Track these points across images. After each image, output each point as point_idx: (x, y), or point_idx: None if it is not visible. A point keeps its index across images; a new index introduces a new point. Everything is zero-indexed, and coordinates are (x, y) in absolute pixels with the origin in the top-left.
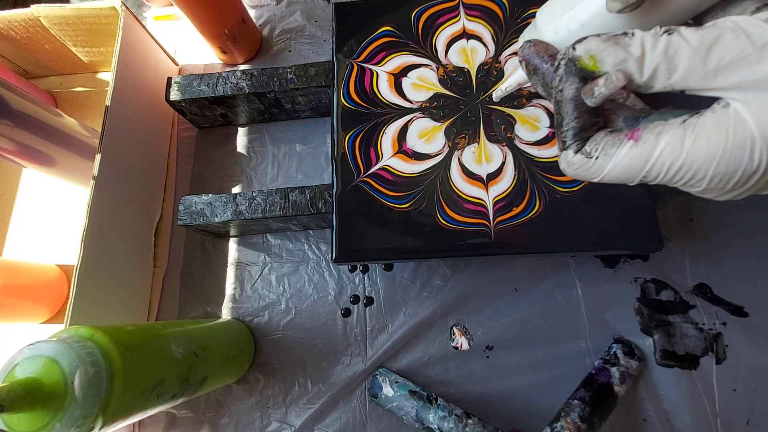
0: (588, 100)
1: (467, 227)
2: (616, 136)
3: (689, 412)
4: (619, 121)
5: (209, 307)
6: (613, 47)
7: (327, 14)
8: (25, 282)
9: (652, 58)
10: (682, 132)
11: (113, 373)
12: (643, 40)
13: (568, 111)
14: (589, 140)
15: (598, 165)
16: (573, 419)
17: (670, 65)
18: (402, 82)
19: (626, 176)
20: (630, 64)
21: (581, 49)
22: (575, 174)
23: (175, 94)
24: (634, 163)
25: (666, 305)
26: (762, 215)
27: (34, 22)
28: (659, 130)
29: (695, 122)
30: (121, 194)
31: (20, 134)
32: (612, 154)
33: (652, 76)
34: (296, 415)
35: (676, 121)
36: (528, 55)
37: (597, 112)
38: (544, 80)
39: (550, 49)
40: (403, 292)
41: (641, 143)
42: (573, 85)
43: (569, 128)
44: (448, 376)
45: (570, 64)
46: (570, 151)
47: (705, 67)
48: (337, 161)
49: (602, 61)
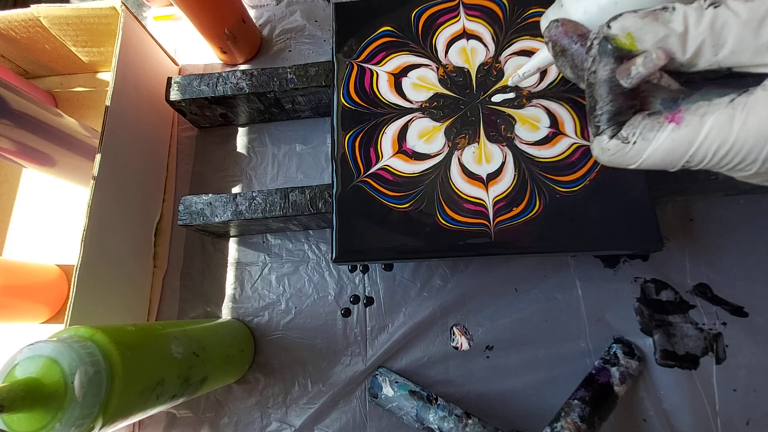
0: (624, 81)
1: (467, 227)
2: (656, 119)
3: (689, 412)
4: (656, 103)
5: (209, 307)
6: (653, 23)
7: (327, 14)
8: (25, 282)
9: (697, 33)
10: (731, 112)
11: (113, 373)
12: (686, 14)
13: (602, 93)
14: (625, 124)
15: (636, 150)
16: (573, 419)
17: (717, 40)
18: (402, 82)
19: (668, 161)
20: (672, 41)
21: (617, 27)
22: (609, 161)
23: (175, 94)
24: (677, 146)
25: (666, 305)
26: (762, 215)
27: (34, 22)
28: (704, 111)
29: (745, 101)
30: (121, 194)
31: (20, 134)
32: (651, 138)
33: (697, 53)
34: (296, 415)
35: (723, 101)
36: (556, 36)
37: (633, 95)
38: (574, 62)
39: (580, 29)
40: (403, 292)
41: (684, 125)
42: (608, 66)
43: (603, 112)
44: (448, 376)
45: (604, 43)
46: (604, 136)
47: (757, 41)
48: (337, 161)
49: (640, 39)
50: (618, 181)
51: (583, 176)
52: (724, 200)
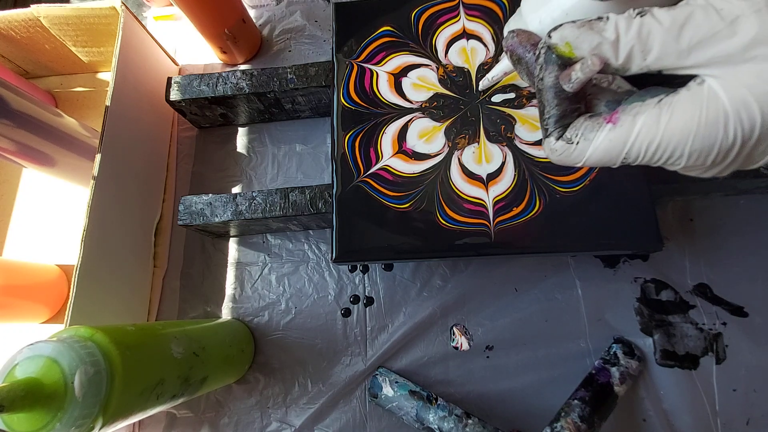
0: (566, 85)
1: (467, 227)
2: (596, 121)
3: (689, 412)
4: (601, 105)
5: (209, 307)
6: (588, 32)
7: (327, 14)
8: (25, 282)
9: (627, 40)
10: (658, 111)
11: (113, 373)
12: (617, 23)
13: (549, 98)
14: (569, 126)
15: (579, 150)
16: (573, 419)
17: (644, 46)
18: (402, 82)
19: (607, 159)
20: (605, 48)
21: (557, 37)
22: (558, 160)
23: (175, 94)
24: (613, 145)
25: (666, 305)
26: (762, 215)
27: (34, 22)
28: (636, 111)
29: (671, 101)
30: (121, 194)
31: (20, 134)
32: (592, 138)
33: (628, 59)
34: (296, 415)
35: (653, 101)
36: (512, 45)
37: (578, 99)
38: (528, 69)
39: (533, 38)
40: (403, 292)
41: (619, 126)
42: (552, 73)
43: (551, 115)
44: (448, 376)
45: (549, 52)
46: (552, 138)
47: (678, 46)
48: (337, 161)
49: (578, 47)
50: (618, 182)
51: (583, 176)
52: (724, 200)
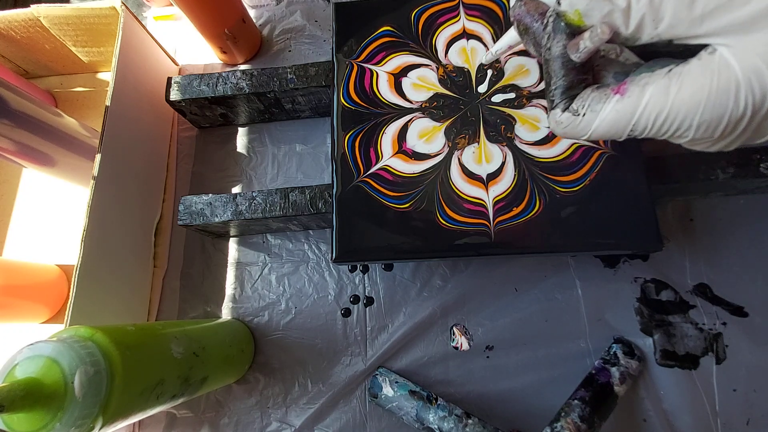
0: (574, 55)
1: (467, 227)
2: (603, 92)
3: (689, 412)
4: (609, 77)
5: (209, 307)
6: (599, 0)
7: (327, 14)
8: (25, 282)
9: (638, 8)
10: (667, 81)
11: (113, 373)
12: None
13: (556, 69)
14: (576, 98)
15: (586, 122)
16: (573, 419)
17: (656, 15)
18: (402, 82)
19: (614, 131)
20: (616, 16)
21: (566, 4)
22: (564, 132)
23: (175, 94)
24: (621, 117)
25: (666, 305)
26: (762, 215)
27: (34, 22)
28: (645, 81)
29: (680, 70)
30: (121, 194)
31: (20, 134)
32: (599, 110)
33: (639, 27)
34: (296, 415)
35: (662, 71)
36: (519, 14)
37: (585, 70)
38: (535, 39)
39: (541, 7)
40: (403, 292)
41: (627, 96)
42: (560, 42)
43: (557, 86)
44: (448, 376)
45: (557, 21)
46: (558, 109)
47: (691, 14)
48: (337, 161)
49: (587, 15)
50: (618, 182)
51: (583, 176)
52: (724, 200)
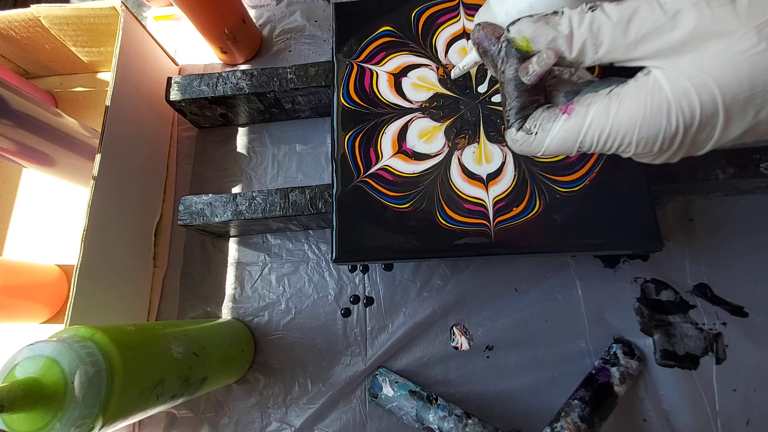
0: (524, 78)
1: (467, 227)
2: (552, 112)
3: (689, 412)
4: (560, 96)
5: (209, 307)
6: (543, 27)
7: (327, 14)
8: (25, 282)
9: (579, 34)
10: (608, 101)
11: (113, 373)
12: (571, 18)
13: (510, 90)
14: (529, 117)
15: (538, 140)
16: (573, 419)
17: (595, 40)
18: (402, 82)
19: (564, 148)
20: (560, 42)
21: (514, 31)
22: (520, 150)
23: (175, 94)
24: (568, 135)
25: (666, 305)
26: (762, 215)
27: (34, 22)
28: (589, 101)
29: (619, 91)
30: (121, 194)
31: (20, 134)
32: (549, 128)
33: (581, 52)
34: (296, 415)
35: (604, 92)
36: (478, 38)
37: (537, 91)
38: (493, 61)
39: (497, 31)
40: (403, 292)
41: (573, 116)
42: (512, 66)
43: (511, 107)
44: (448, 376)
45: (509, 46)
46: (513, 129)
47: (626, 40)
48: (337, 161)
49: (534, 41)
50: (618, 182)
51: (583, 176)
52: (724, 200)
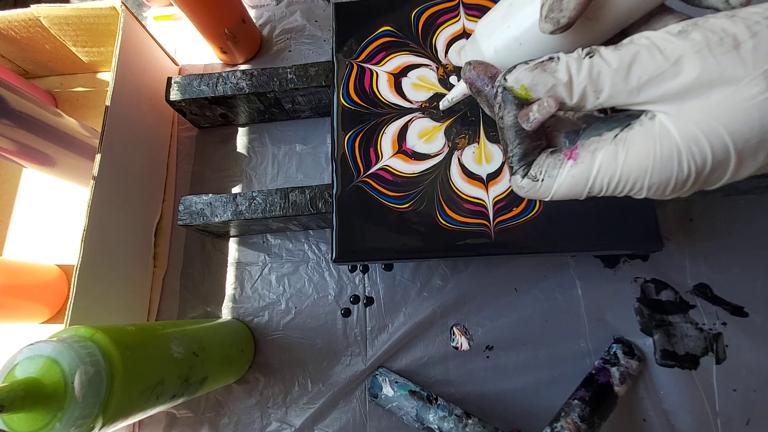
0: (525, 125)
1: (467, 227)
2: (557, 158)
3: (689, 412)
4: (561, 137)
5: (209, 307)
6: (541, 75)
7: (327, 14)
8: (25, 282)
9: (579, 81)
10: (614, 148)
11: (113, 373)
12: (569, 64)
13: (510, 137)
14: (533, 164)
15: (545, 187)
16: (573, 419)
17: (596, 87)
18: (402, 82)
19: (572, 194)
20: (560, 89)
21: (512, 80)
22: (527, 196)
23: (175, 94)
24: (576, 182)
25: (666, 305)
26: (762, 215)
27: (34, 22)
28: (594, 147)
29: (626, 137)
30: (121, 194)
31: (20, 134)
32: (555, 175)
33: (582, 98)
34: (296, 415)
35: (609, 136)
36: (470, 78)
37: (538, 135)
38: (488, 101)
39: (490, 70)
40: (403, 292)
41: (579, 162)
42: (511, 113)
43: (514, 154)
44: (448, 376)
45: (506, 93)
46: (518, 176)
47: (627, 86)
48: (337, 161)
49: (533, 89)
50: None
51: None
52: (724, 200)
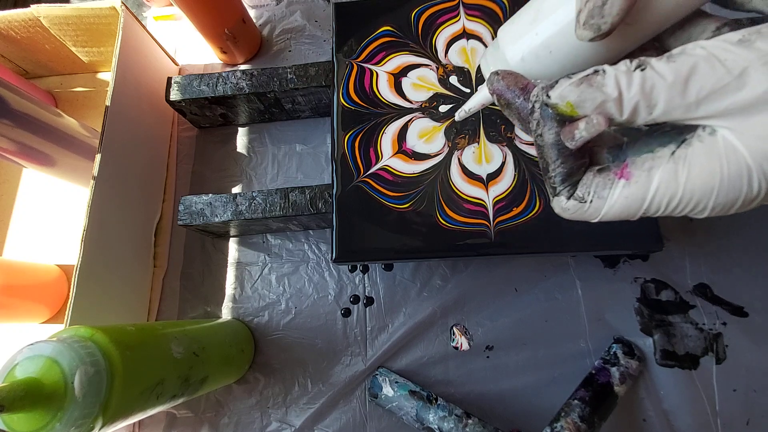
0: (569, 143)
1: (467, 227)
2: (606, 177)
3: (689, 412)
4: (604, 153)
5: (209, 307)
6: (589, 90)
7: (327, 14)
8: (25, 282)
9: (630, 96)
10: (674, 166)
11: (113, 373)
12: (618, 78)
13: (552, 156)
14: (578, 184)
15: (594, 208)
16: (573, 419)
17: (649, 101)
18: (402, 82)
19: (625, 214)
20: (609, 105)
21: (556, 96)
22: (572, 217)
23: (175, 94)
24: (631, 202)
25: (666, 305)
26: (762, 216)
27: (34, 22)
28: (649, 165)
29: (685, 154)
30: (121, 194)
31: (20, 134)
32: (605, 196)
33: (633, 114)
34: (296, 415)
35: (665, 154)
36: (499, 90)
37: (582, 153)
38: (520, 115)
39: (521, 81)
40: (403, 292)
41: (633, 182)
42: (552, 130)
43: (556, 174)
44: (448, 376)
45: (546, 109)
46: (562, 197)
47: (685, 100)
48: (337, 161)
49: (580, 107)
50: None
51: None
52: None
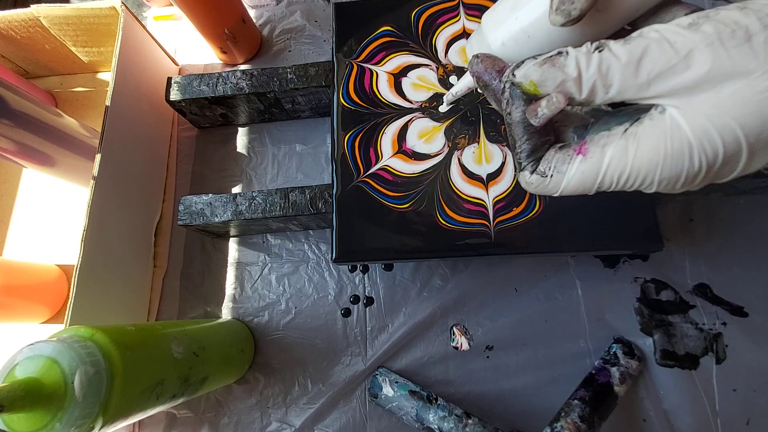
0: (533, 120)
1: (467, 227)
2: (566, 153)
3: (689, 412)
4: (569, 132)
5: (209, 307)
6: (550, 69)
7: (327, 14)
8: (25, 282)
9: (588, 76)
10: (625, 143)
11: (113, 373)
12: (578, 59)
13: (519, 133)
14: (541, 159)
15: (554, 182)
16: (573, 419)
17: (605, 81)
18: (402, 82)
19: (582, 189)
20: (569, 85)
21: (520, 75)
22: (535, 191)
23: (175, 94)
24: (586, 177)
25: (666, 305)
26: (762, 215)
27: (34, 22)
28: (604, 142)
29: (636, 131)
30: (121, 194)
31: (20, 134)
32: (564, 171)
33: (591, 93)
34: (296, 415)
35: (619, 131)
36: (477, 71)
37: (547, 131)
38: (495, 96)
39: (498, 64)
40: (403, 292)
41: (589, 157)
42: (519, 108)
43: (522, 150)
44: (448, 376)
45: (514, 88)
46: (526, 172)
47: (637, 80)
48: (337, 161)
49: (542, 85)
50: None
51: None
52: (724, 200)
